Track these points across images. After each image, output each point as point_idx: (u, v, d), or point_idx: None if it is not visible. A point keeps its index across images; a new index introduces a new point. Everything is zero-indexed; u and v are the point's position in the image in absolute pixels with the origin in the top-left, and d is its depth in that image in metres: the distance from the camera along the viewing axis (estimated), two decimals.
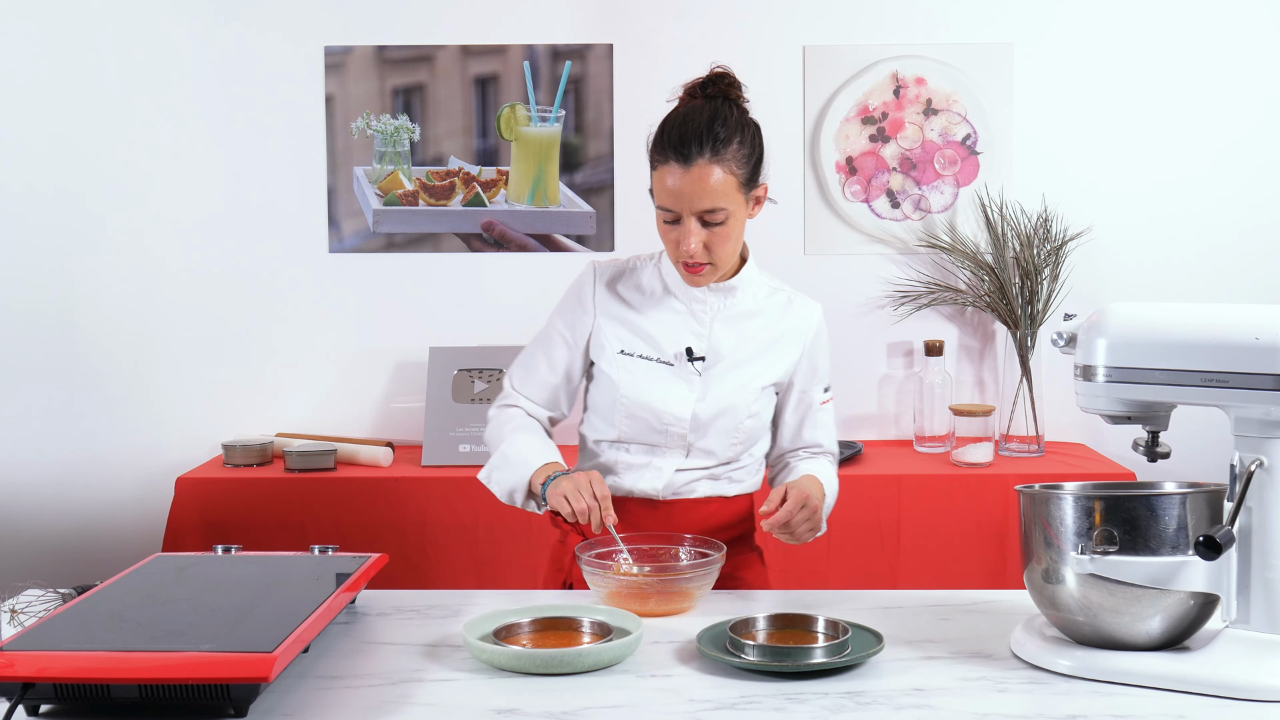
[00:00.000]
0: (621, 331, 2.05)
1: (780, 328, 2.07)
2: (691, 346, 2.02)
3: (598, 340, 2.06)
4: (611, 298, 2.07)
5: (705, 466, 2.04)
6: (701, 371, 2.02)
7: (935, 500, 2.91)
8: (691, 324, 2.04)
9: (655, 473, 2.03)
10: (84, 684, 1.36)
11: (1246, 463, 1.48)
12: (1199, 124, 3.25)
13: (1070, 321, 1.61)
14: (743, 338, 2.04)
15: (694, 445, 2.03)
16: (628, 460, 2.05)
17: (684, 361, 2.02)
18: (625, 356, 2.03)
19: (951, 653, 1.61)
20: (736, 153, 1.92)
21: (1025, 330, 3.15)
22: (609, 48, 3.25)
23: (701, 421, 2.01)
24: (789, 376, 2.08)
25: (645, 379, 2.02)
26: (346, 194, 3.28)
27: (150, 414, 3.30)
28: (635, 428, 2.02)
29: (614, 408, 2.03)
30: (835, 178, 3.26)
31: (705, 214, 1.92)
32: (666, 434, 2.02)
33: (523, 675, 1.53)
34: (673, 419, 2.01)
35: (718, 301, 2.04)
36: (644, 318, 2.05)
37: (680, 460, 2.03)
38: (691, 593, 1.80)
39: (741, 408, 2.02)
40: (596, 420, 2.08)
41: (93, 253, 3.27)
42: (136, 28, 3.23)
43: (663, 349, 2.03)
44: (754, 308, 2.07)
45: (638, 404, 2.01)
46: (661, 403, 2.00)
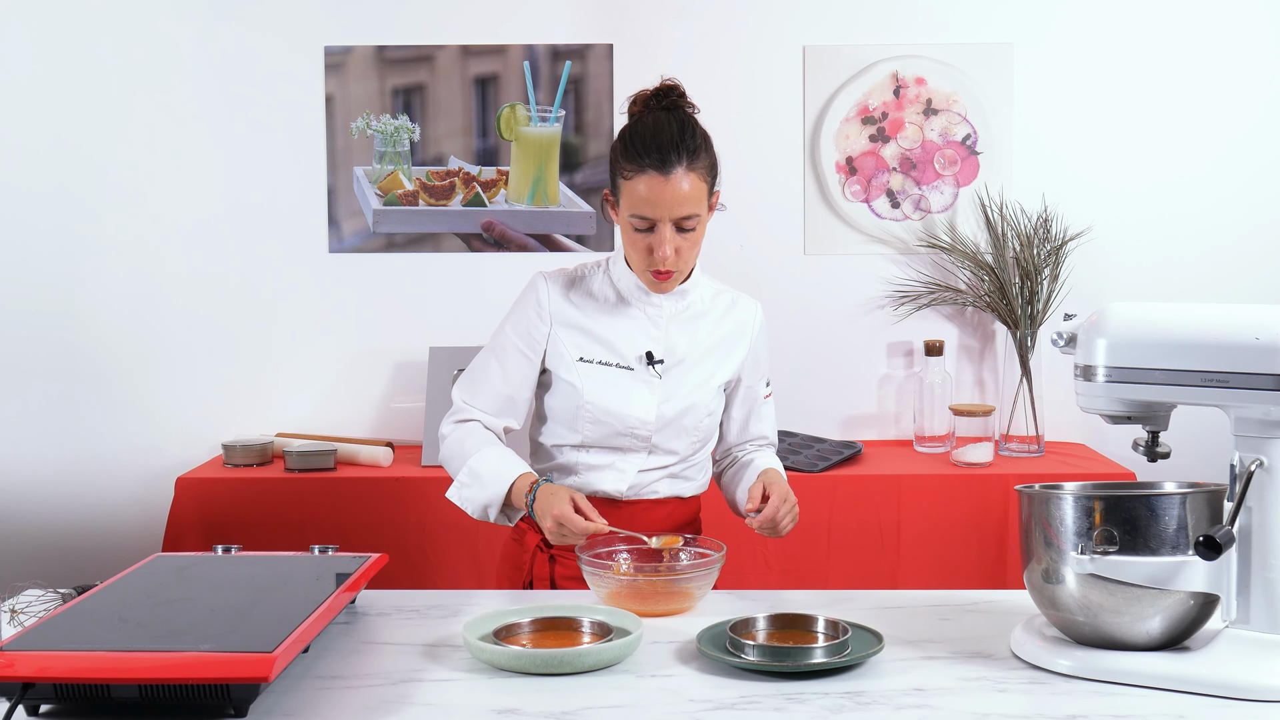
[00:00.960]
0: (579, 339, 2.06)
1: (726, 327, 2.12)
2: (651, 350, 2.06)
3: (555, 349, 2.07)
4: (565, 306, 2.08)
5: (665, 465, 2.08)
6: (661, 374, 2.05)
7: (935, 500, 2.91)
8: (648, 328, 2.07)
9: (618, 474, 2.06)
10: (84, 684, 1.36)
11: (1246, 463, 1.48)
12: (1199, 124, 3.25)
13: (1070, 321, 1.61)
14: (695, 339, 2.09)
15: (657, 445, 2.06)
16: (589, 461, 2.07)
17: (644, 365, 2.05)
18: (585, 364, 2.05)
19: (951, 653, 1.61)
20: (705, 161, 1.97)
21: (1025, 330, 3.15)
22: (609, 48, 3.25)
23: (665, 422, 2.05)
24: (737, 373, 2.14)
25: (607, 385, 2.04)
26: (346, 194, 3.28)
27: (150, 414, 3.30)
28: (599, 432, 2.05)
29: (577, 414, 2.05)
30: (835, 178, 3.26)
31: (681, 221, 1.95)
32: (631, 436, 2.05)
33: (523, 675, 1.53)
34: (637, 422, 2.04)
35: (672, 305, 2.09)
36: (600, 324, 2.07)
37: (643, 460, 2.07)
38: (691, 593, 1.80)
39: (701, 406, 2.07)
40: (556, 427, 2.09)
41: (93, 253, 3.27)
42: (137, 28, 3.23)
43: (622, 354, 2.05)
44: (702, 309, 2.12)
45: (602, 409, 2.03)
46: (626, 407, 2.04)
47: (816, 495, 2.91)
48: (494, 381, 2.08)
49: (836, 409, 3.31)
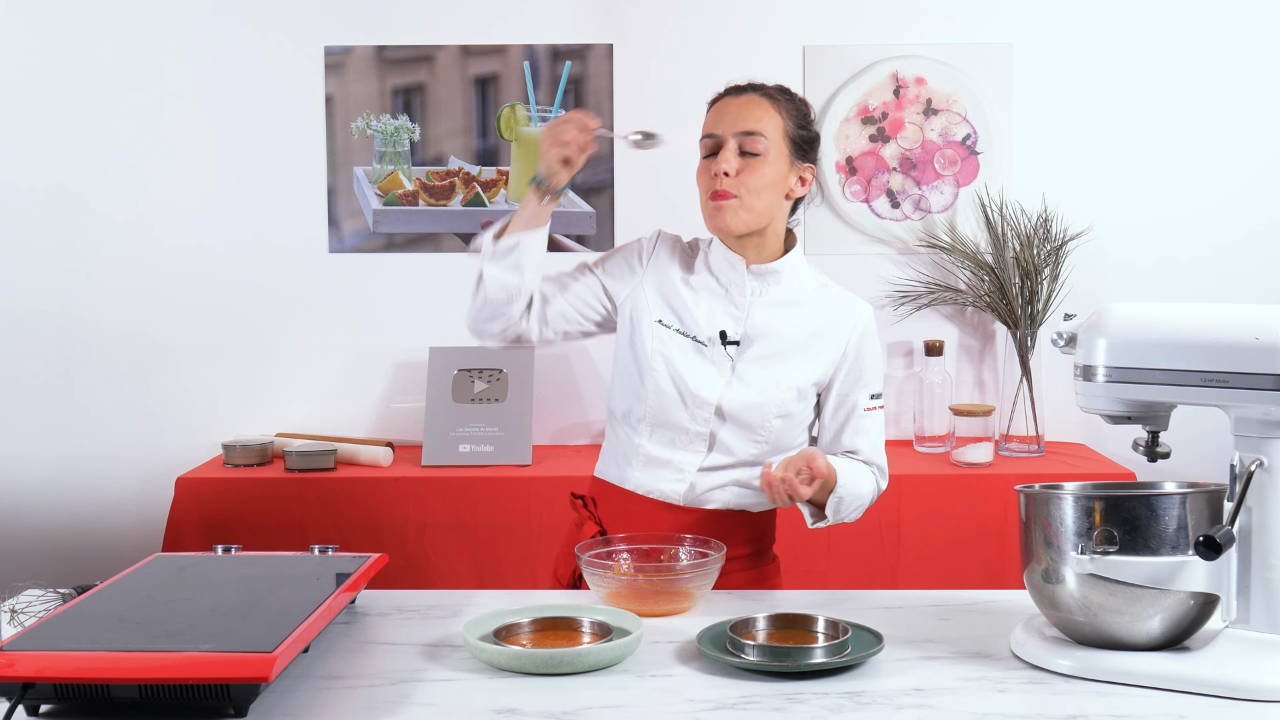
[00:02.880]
0: (662, 302, 2.03)
1: (822, 323, 2.02)
2: (726, 330, 1.99)
3: (638, 304, 2.03)
4: (663, 266, 2.05)
5: (727, 466, 1.99)
6: (734, 356, 1.99)
7: (935, 500, 2.91)
8: (730, 307, 2.01)
9: (676, 473, 1.99)
10: (84, 684, 1.36)
11: (1246, 463, 1.48)
12: (1199, 124, 3.25)
13: (1070, 321, 1.61)
14: (781, 327, 2.00)
15: (716, 437, 1.98)
16: (649, 453, 2.00)
17: (717, 344, 1.99)
18: (662, 327, 2.01)
19: (951, 653, 1.61)
20: (788, 106, 1.99)
21: (1025, 330, 3.15)
22: (609, 48, 3.25)
23: (726, 410, 1.96)
24: (828, 377, 2.02)
25: (677, 353, 1.99)
26: (346, 194, 3.28)
27: (150, 414, 3.30)
28: (661, 404, 1.98)
29: (643, 379, 2.00)
30: (835, 178, 3.26)
31: (744, 137, 1.94)
32: (692, 417, 1.97)
33: (523, 675, 1.53)
34: (698, 401, 1.96)
35: (758, 285, 2.01)
36: (686, 293, 2.02)
37: (701, 457, 1.98)
38: (691, 593, 1.79)
39: (770, 405, 1.97)
40: (622, 393, 2.04)
41: (93, 252, 3.27)
42: (137, 28, 3.23)
43: (699, 327, 2.00)
44: (797, 298, 2.03)
45: (667, 378, 1.98)
46: (690, 381, 1.97)
47: None
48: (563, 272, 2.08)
49: None
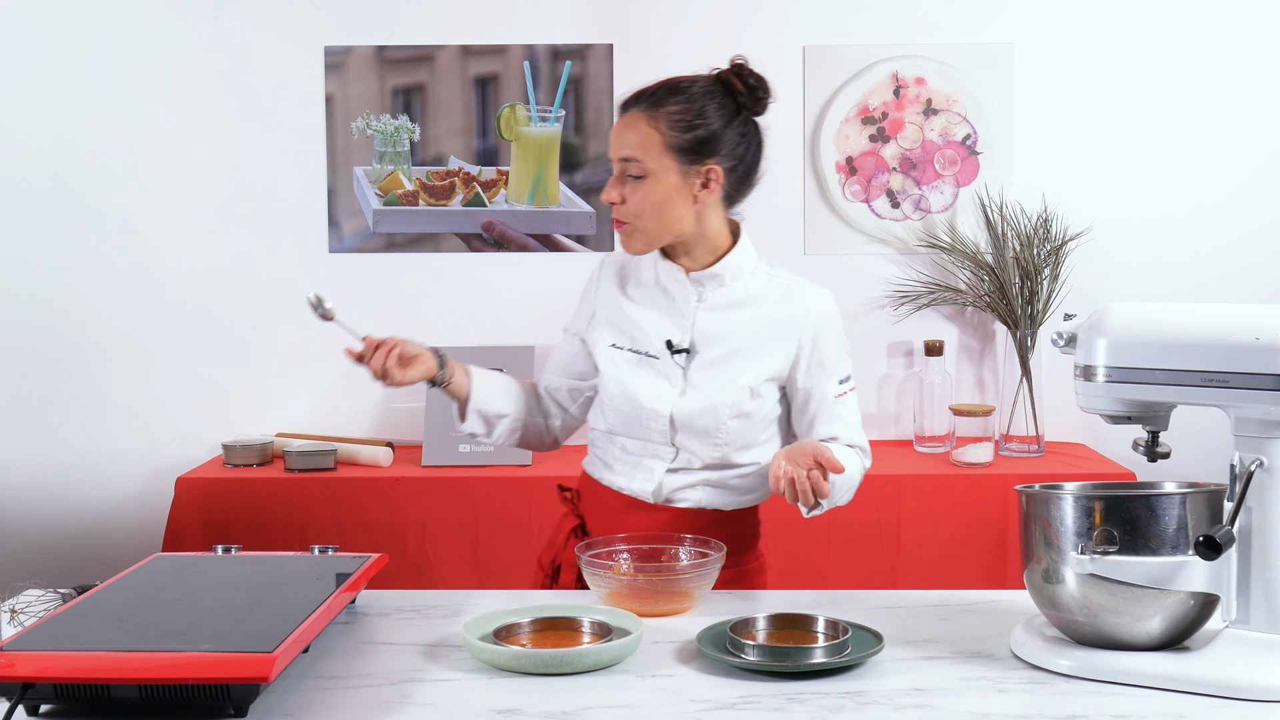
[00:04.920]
0: (614, 325, 2.05)
1: (774, 319, 1.99)
2: (672, 339, 1.99)
3: (595, 334, 2.07)
4: (611, 292, 2.07)
5: (695, 469, 1.99)
6: (684, 365, 1.98)
7: (935, 500, 2.91)
8: (675, 316, 2.00)
9: (646, 473, 2.00)
10: (84, 684, 1.36)
11: (1246, 463, 1.48)
12: (1199, 124, 3.25)
13: (1070, 321, 1.61)
14: (730, 330, 1.98)
15: (678, 444, 1.98)
16: (623, 455, 2.03)
17: (666, 355, 1.99)
18: (615, 350, 2.03)
19: (951, 653, 1.61)
20: (674, 115, 1.93)
21: (1025, 330, 3.15)
22: (609, 48, 3.25)
23: (681, 420, 1.96)
24: (786, 372, 1.99)
25: (628, 372, 2.00)
26: (346, 194, 3.28)
27: (150, 414, 3.29)
28: (621, 421, 2.01)
29: (604, 400, 2.04)
30: (835, 178, 3.26)
31: (623, 163, 1.94)
32: (649, 429, 1.98)
33: (523, 675, 1.52)
34: (653, 414, 1.97)
35: (700, 291, 2.00)
36: (635, 310, 2.03)
37: (669, 461, 1.99)
38: (691, 593, 1.79)
39: (724, 407, 1.95)
40: (597, 409, 2.08)
41: (93, 252, 3.27)
42: (137, 27, 3.23)
43: (648, 341, 2.00)
44: (744, 297, 2.00)
45: (620, 397, 2.00)
46: (640, 396, 1.98)
47: None
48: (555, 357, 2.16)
49: None
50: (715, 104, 1.95)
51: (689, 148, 1.93)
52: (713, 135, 1.94)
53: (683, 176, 1.94)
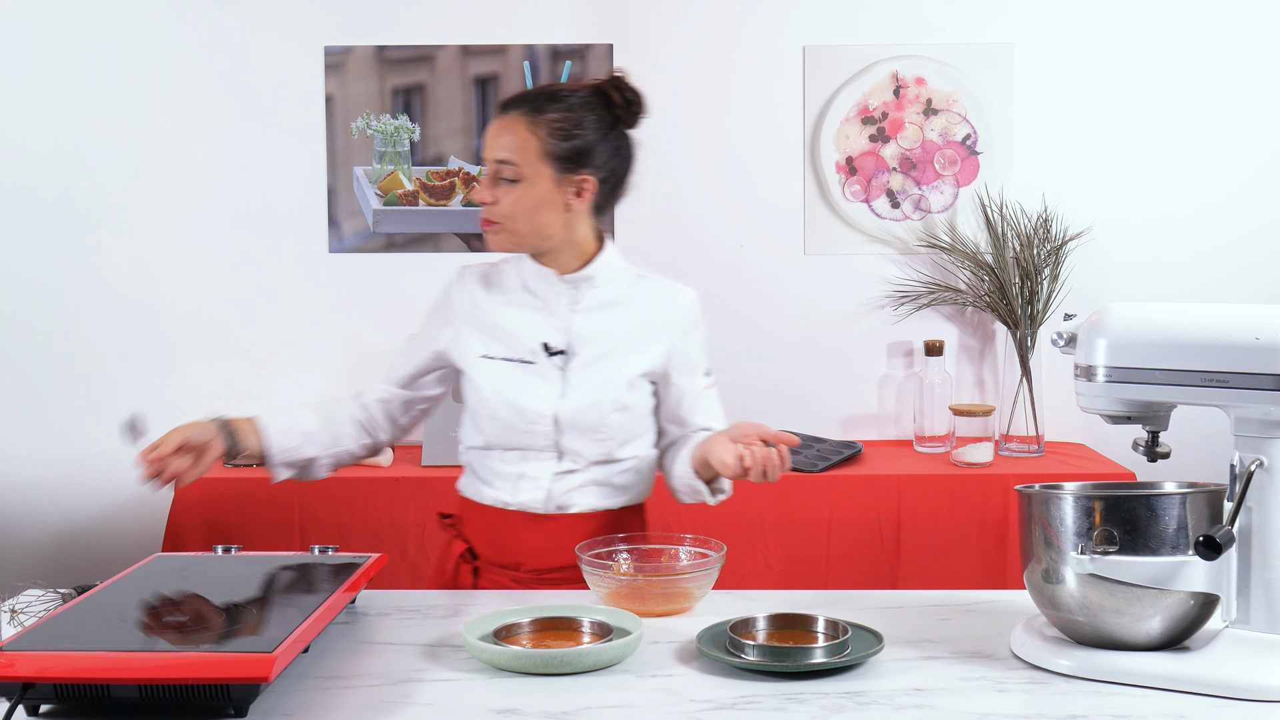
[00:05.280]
0: (483, 336, 2.03)
1: (649, 317, 2.03)
2: (548, 341, 1.99)
3: (461, 348, 2.04)
4: (475, 301, 2.05)
5: (580, 470, 2.00)
6: (562, 366, 1.99)
7: (935, 500, 2.91)
8: (549, 318, 2.01)
9: (532, 483, 1.99)
10: (84, 684, 1.36)
11: (1246, 463, 1.48)
12: (1199, 124, 3.25)
13: (1070, 321, 1.61)
14: (606, 329, 2.01)
15: (562, 446, 1.98)
16: (501, 469, 2.01)
17: (543, 357, 1.99)
18: (487, 360, 2.01)
19: (951, 653, 1.61)
20: (554, 123, 1.94)
21: (1025, 330, 3.15)
22: (609, 48, 3.25)
23: (564, 420, 1.97)
24: (662, 368, 2.02)
25: (505, 380, 1.99)
26: (346, 194, 3.28)
27: (150, 414, 3.28)
28: (500, 430, 1.99)
29: (478, 413, 2.01)
30: (835, 178, 3.26)
31: (498, 165, 1.94)
32: (531, 434, 1.98)
33: (523, 675, 1.52)
34: (536, 417, 1.97)
35: (574, 293, 2.02)
36: (504, 317, 2.03)
37: (554, 465, 1.99)
38: (691, 593, 1.79)
39: (606, 402, 1.98)
40: (468, 426, 2.06)
41: (93, 252, 3.27)
42: (137, 27, 3.23)
43: (522, 346, 2.00)
44: (616, 298, 2.03)
45: (500, 405, 1.98)
46: (522, 401, 1.97)
47: (816, 495, 2.91)
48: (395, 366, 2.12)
49: (836, 409, 3.31)
50: (594, 115, 1.98)
51: (566, 156, 1.96)
52: (589, 146, 1.97)
53: (557, 184, 1.96)
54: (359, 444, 2.10)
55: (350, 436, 2.09)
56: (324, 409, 2.09)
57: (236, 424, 1.97)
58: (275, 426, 2.01)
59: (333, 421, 2.07)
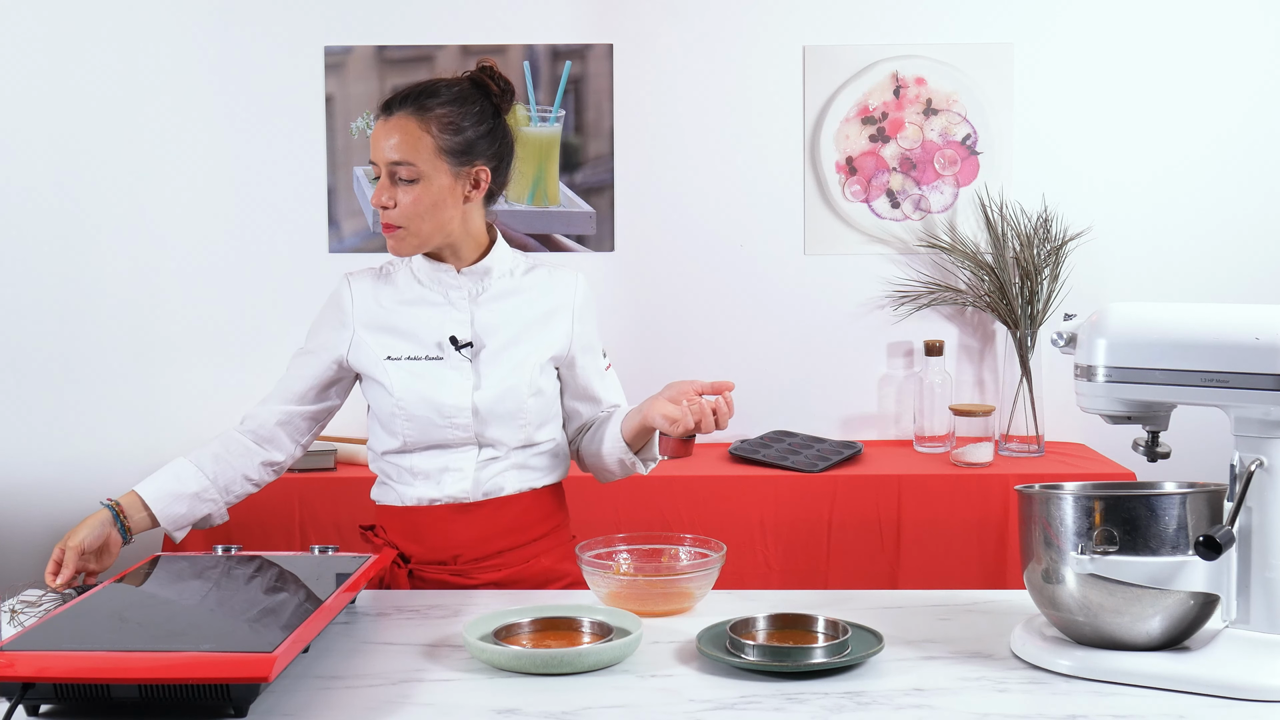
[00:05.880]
0: (383, 338, 2.02)
1: (547, 303, 2.06)
2: (455, 335, 2.00)
3: (360, 354, 2.03)
4: (369, 306, 2.04)
5: (504, 457, 2.01)
6: (471, 358, 2.00)
7: (935, 500, 2.91)
8: (451, 312, 2.02)
9: (457, 475, 2.00)
10: (84, 684, 1.36)
11: (1246, 463, 1.48)
12: (1199, 124, 3.25)
13: (1070, 321, 1.61)
14: (508, 318, 2.03)
15: (482, 436, 1.99)
16: (422, 467, 2.01)
17: (451, 351, 2.00)
18: (392, 361, 2.00)
19: (951, 653, 1.61)
20: (443, 118, 1.95)
21: (1025, 330, 3.15)
22: (609, 48, 3.25)
23: (483, 410, 1.98)
24: (566, 350, 2.06)
25: (416, 378, 1.98)
26: (346, 194, 3.28)
27: (150, 414, 3.29)
28: (418, 429, 1.99)
29: (393, 415, 2.00)
30: (835, 178, 3.26)
31: (395, 168, 1.94)
32: (451, 428, 1.98)
33: (523, 675, 1.53)
34: (454, 410, 1.97)
35: (473, 286, 2.03)
36: (403, 317, 2.02)
37: (475, 455, 2.00)
38: (691, 593, 1.80)
39: (522, 386, 2.00)
40: (379, 432, 2.05)
41: (93, 252, 3.27)
42: (136, 28, 3.23)
43: (428, 344, 2.00)
44: (512, 288, 2.06)
45: (416, 403, 1.98)
46: (438, 397, 1.97)
47: (816, 495, 2.91)
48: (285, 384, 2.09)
49: (836, 409, 3.31)
50: (478, 106, 2.01)
51: (460, 150, 1.97)
52: (479, 137, 2.00)
53: (454, 178, 1.98)
54: (257, 480, 2.07)
55: (242, 479, 2.05)
56: (211, 456, 2.03)
57: (125, 510, 1.95)
58: (160, 497, 1.97)
59: (222, 470, 2.03)
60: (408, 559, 2.03)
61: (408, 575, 2.03)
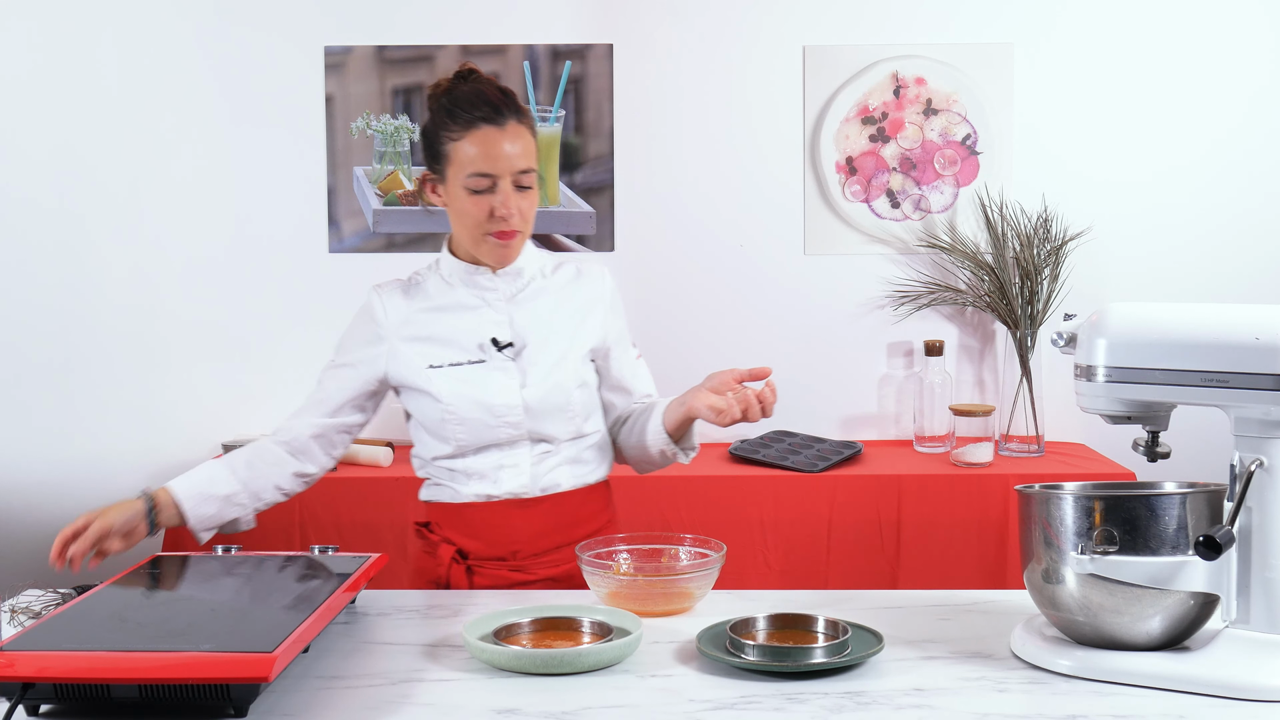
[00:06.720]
0: (422, 347, 2.03)
1: (580, 298, 2.08)
2: (495, 336, 2.02)
3: (399, 366, 2.03)
4: (404, 317, 2.05)
5: (556, 452, 2.03)
6: (514, 357, 2.01)
7: (935, 500, 2.91)
8: (489, 314, 2.03)
9: (513, 470, 2.01)
10: (84, 684, 1.36)
11: (1246, 463, 1.48)
12: (1199, 124, 3.25)
13: (1070, 321, 1.61)
14: (545, 315, 2.05)
15: (537, 433, 2.01)
16: (477, 468, 2.02)
17: (494, 352, 2.01)
18: (435, 369, 2.01)
19: (951, 653, 1.61)
20: (530, 124, 1.99)
21: (1025, 330, 3.15)
22: (609, 48, 3.25)
23: (534, 406, 2.00)
24: (601, 342, 2.08)
25: (463, 383, 1.99)
26: (346, 194, 3.28)
27: (150, 414, 3.29)
28: (471, 432, 2.00)
29: (443, 423, 2.00)
30: (835, 178, 3.26)
31: (520, 176, 1.95)
32: (504, 426, 1.99)
33: (523, 675, 1.53)
34: (505, 409, 1.99)
35: (508, 287, 2.04)
36: (440, 325, 2.03)
37: (529, 451, 2.01)
38: (691, 593, 1.80)
39: (569, 380, 2.02)
40: (429, 440, 2.05)
41: (93, 252, 3.27)
42: (137, 28, 3.23)
43: (469, 348, 2.01)
44: (544, 285, 2.07)
45: (467, 407, 1.99)
46: (490, 398, 1.99)
47: (816, 495, 2.91)
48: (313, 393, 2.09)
49: (836, 409, 3.31)
50: None
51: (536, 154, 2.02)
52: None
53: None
54: (287, 490, 2.08)
55: (273, 488, 2.05)
56: (244, 462, 2.04)
57: (159, 503, 1.94)
58: (191, 495, 1.97)
59: (255, 477, 2.03)
60: (465, 555, 2.04)
61: (466, 571, 2.03)
